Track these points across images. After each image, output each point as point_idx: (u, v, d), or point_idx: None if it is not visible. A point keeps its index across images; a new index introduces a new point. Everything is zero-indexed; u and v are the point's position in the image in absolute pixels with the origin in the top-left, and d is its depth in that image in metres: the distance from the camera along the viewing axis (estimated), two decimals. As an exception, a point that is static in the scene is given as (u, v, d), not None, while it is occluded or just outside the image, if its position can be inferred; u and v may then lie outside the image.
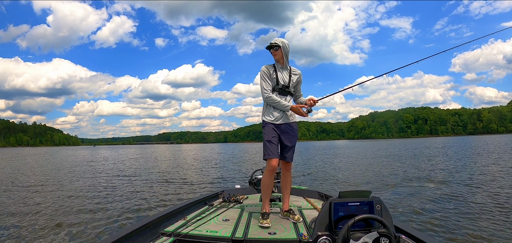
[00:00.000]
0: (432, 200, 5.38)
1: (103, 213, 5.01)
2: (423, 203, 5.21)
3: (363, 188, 4.60)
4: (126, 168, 14.05)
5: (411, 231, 1.96)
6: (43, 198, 6.57)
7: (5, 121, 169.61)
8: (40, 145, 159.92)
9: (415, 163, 13.06)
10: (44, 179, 10.09)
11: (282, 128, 2.47)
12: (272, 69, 2.49)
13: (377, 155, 19.52)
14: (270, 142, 2.40)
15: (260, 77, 2.48)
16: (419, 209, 4.79)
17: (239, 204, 2.94)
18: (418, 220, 4.25)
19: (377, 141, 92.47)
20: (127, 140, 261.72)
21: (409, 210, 4.77)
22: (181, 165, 16.05)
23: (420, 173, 9.34)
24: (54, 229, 4.13)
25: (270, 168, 2.41)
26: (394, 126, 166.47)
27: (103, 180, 9.76)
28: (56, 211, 5.20)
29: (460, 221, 4.11)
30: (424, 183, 7.37)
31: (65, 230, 4.05)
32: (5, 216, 4.91)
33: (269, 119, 2.47)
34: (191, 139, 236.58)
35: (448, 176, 8.42)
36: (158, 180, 9.44)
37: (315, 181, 8.80)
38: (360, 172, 10.65)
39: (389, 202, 5.28)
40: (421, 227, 3.94)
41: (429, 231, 3.80)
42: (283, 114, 2.48)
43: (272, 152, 2.39)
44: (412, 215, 4.52)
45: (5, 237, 3.83)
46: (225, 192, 3.28)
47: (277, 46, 2.46)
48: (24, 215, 4.97)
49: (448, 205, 5.01)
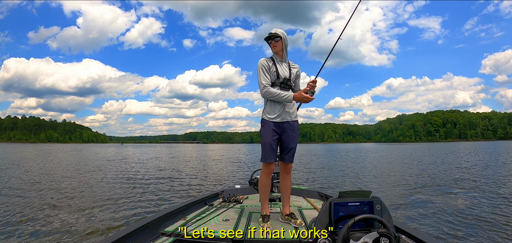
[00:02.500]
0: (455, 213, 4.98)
1: (103, 213, 5.04)
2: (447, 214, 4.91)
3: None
4: (139, 167, 14.22)
5: (411, 231, 1.97)
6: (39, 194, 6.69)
7: (36, 118, 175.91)
8: (69, 142, 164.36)
9: (436, 169, 12.25)
10: (45, 175, 10.40)
11: (283, 127, 2.35)
12: (270, 62, 2.36)
13: (397, 160, 18.47)
14: (269, 144, 2.31)
15: (258, 71, 2.34)
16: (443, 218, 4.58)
17: (239, 204, 2.92)
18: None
19: (404, 144, 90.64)
20: (154, 139, 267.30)
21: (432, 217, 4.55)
22: (199, 164, 16.22)
23: (440, 181, 8.66)
24: (52, 228, 4.12)
25: (268, 170, 2.38)
26: (422, 130, 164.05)
27: (111, 177, 9.98)
28: (54, 209, 5.24)
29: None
30: (444, 195, 6.63)
31: (65, 230, 4.02)
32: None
33: (269, 117, 2.34)
34: (217, 139, 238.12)
35: (470, 183, 7.95)
36: (164, 179, 9.59)
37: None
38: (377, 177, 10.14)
39: (412, 212, 5.11)
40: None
41: (429, 231, 3.78)
42: (284, 111, 2.35)
43: (270, 155, 2.31)
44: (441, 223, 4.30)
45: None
46: (225, 192, 3.28)
47: (278, 37, 2.34)
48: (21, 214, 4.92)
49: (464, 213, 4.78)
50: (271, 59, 2.38)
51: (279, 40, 2.34)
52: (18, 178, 9.62)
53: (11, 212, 4.95)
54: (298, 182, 8.42)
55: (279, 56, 2.38)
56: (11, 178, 9.45)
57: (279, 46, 2.35)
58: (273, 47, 2.37)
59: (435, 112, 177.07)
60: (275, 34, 2.34)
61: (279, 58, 2.38)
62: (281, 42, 2.34)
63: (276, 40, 2.35)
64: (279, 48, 2.35)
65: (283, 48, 2.36)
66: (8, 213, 4.87)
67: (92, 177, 10.19)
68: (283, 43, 2.35)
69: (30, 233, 3.93)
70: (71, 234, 3.90)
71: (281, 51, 2.37)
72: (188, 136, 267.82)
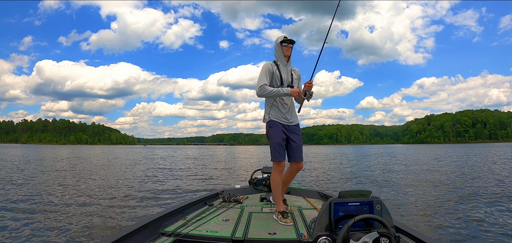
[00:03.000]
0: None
1: (104, 211, 5.07)
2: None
3: None
4: (147, 169, 14.06)
5: (411, 231, 1.98)
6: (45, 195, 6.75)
7: (66, 121, 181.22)
8: (98, 143, 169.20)
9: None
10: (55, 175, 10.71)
11: (290, 129, 2.52)
12: (274, 67, 2.50)
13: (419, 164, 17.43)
14: (279, 144, 2.44)
15: (260, 73, 2.48)
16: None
17: (239, 204, 2.94)
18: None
19: (432, 146, 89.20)
20: (181, 141, 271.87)
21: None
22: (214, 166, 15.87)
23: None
24: (51, 228, 4.12)
25: (280, 169, 2.49)
26: (450, 130, 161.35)
27: (113, 178, 10.09)
28: (56, 210, 5.22)
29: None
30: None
31: (64, 230, 4.03)
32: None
33: (278, 118, 2.49)
34: (244, 141, 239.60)
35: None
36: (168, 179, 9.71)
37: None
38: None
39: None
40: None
41: (429, 231, 3.72)
42: (292, 114, 2.54)
43: (281, 154, 2.45)
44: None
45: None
46: (225, 192, 3.30)
47: (293, 42, 2.51)
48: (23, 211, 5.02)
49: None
50: (275, 63, 2.52)
51: (292, 46, 2.52)
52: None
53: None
54: (299, 182, 8.19)
55: (286, 60, 2.52)
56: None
57: (290, 51, 2.52)
58: (285, 51, 2.50)
59: (465, 112, 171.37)
60: (292, 40, 2.50)
61: (285, 62, 2.52)
62: (291, 48, 2.52)
63: (291, 45, 2.51)
64: (290, 53, 2.52)
65: (291, 54, 2.54)
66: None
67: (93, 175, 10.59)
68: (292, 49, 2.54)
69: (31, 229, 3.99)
70: (65, 234, 3.87)
71: (289, 57, 2.53)
72: (216, 138, 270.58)
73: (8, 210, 5.14)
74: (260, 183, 3.60)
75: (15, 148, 49.66)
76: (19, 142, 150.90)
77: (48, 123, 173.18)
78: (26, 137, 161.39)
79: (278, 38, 2.52)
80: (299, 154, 2.55)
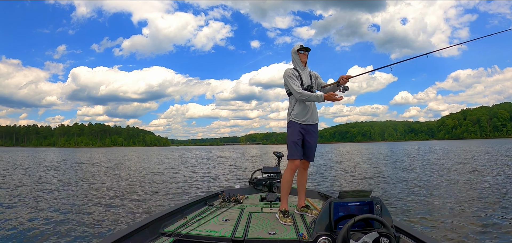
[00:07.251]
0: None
1: (104, 211, 5.18)
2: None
3: None
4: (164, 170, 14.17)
5: (411, 231, 2.01)
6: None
7: (101, 124, 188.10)
8: (132, 145, 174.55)
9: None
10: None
11: (308, 129, 2.66)
12: (295, 71, 2.67)
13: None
14: (295, 143, 2.58)
15: (287, 79, 2.64)
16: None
17: (239, 204, 2.98)
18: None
19: (468, 141, 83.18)
20: (215, 142, 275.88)
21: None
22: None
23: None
24: (52, 229, 4.20)
25: (293, 167, 2.61)
26: (487, 125, 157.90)
27: (124, 179, 10.28)
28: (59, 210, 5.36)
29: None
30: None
31: (63, 230, 4.11)
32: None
33: (297, 119, 2.63)
34: (277, 140, 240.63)
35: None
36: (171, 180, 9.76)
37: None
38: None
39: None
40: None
41: (429, 231, 3.79)
42: (311, 115, 2.66)
43: (296, 153, 2.57)
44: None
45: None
46: (225, 192, 3.35)
47: (309, 50, 2.73)
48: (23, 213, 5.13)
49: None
50: (294, 69, 2.70)
51: (307, 53, 2.73)
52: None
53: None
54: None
55: (303, 65, 2.71)
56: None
57: (306, 57, 2.72)
58: (302, 57, 2.69)
59: (502, 105, 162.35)
60: (308, 48, 2.71)
61: (303, 67, 2.70)
62: (307, 55, 2.74)
63: (306, 52, 2.72)
64: (306, 59, 2.72)
65: (307, 60, 2.76)
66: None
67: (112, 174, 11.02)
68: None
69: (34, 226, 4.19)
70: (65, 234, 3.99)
71: (306, 62, 2.72)
72: (248, 137, 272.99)
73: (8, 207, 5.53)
74: (260, 183, 3.62)
75: (53, 152, 51.62)
76: (57, 145, 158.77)
77: (84, 127, 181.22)
78: (63, 141, 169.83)
79: (295, 46, 2.72)
80: (311, 154, 2.72)
